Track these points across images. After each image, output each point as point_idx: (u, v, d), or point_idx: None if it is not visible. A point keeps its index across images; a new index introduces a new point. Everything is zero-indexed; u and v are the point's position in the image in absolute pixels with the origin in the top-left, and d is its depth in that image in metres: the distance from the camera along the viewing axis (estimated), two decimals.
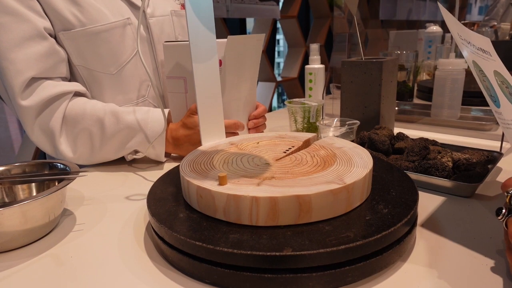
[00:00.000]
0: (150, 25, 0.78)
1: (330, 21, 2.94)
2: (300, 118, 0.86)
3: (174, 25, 0.85)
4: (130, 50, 0.76)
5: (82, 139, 0.69)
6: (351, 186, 0.40)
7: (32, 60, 0.64)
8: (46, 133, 0.68)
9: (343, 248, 0.35)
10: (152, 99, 0.82)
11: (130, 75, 0.77)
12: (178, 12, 0.87)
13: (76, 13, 0.68)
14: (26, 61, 0.63)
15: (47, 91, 0.65)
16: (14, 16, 0.63)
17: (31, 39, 0.64)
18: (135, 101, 0.79)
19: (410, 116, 1.03)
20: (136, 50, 0.77)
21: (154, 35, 0.79)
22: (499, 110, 0.45)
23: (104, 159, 0.73)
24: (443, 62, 0.95)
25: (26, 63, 0.63)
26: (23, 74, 0.63)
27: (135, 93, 0.79)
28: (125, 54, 0.75)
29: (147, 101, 0.81)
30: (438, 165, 0.57)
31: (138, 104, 0.79)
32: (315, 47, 1.02)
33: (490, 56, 0.42)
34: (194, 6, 0.54)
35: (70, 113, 0.68)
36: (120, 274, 0.40)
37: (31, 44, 0.64)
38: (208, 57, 0.57)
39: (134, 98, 0.79)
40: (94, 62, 0.73)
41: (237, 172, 0.46)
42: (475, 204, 0.52)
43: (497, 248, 0.41)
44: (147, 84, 0.80)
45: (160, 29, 0.80)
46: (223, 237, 0.37)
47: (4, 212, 0.42)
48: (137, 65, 0.77)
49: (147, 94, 0.81)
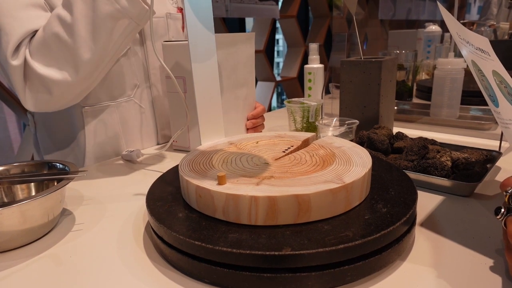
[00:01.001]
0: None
1: (329, 20, 2.94)
2: (299, 118, 0.86)
3: (169, 28, 0.85)
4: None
5: (53, 45, 0.63)
6: (350, 185, 0.40)
7: (27, 21, 0.63)
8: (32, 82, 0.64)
9: (342, 248, 0.35)
10: (138, 100, 0.81)
11: (116, 73, 0.76)
12: (173, 15, 0.86)
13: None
14: (25, 20, 0.63)
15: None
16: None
17: (32, 6, 0.64)
18: (118, 99, 0.78)
19: (409, 115, 1.03)
20: (126, 49, 0.76)
21: (146, 35, 0.79)
22: (498, 110, 0.45)
23: (91, 54, 0.63)
24: (442, 62, 0.95)
25: (24, 21, 0.62)
26: (18, 33, 0.62)
27: (119, 91, 0.78)
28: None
29: (132, 101, 0.80)
30: (437, 164, 0.57)
31: (121, 103, 0.79)
32: (314, 47, 1.02)
33: (488, 56, 0.42)
34: (193, 5, 0.54)
35: (33, 43, 0.64)
36: (119, 273, 0.40)
37: (31, 9, 0.64)
38: (207, 57, 0.57)
39: (118, 96, 0.78)
40: None
41: (236, 172, 0.46)
42: (474, 204, 0.52)
43: (496, 247, 0.42)
44: (134, 83, 0.80)
45: (153, 30, 0.79)
46: (222, 237, 0.37)
47: (3, 212, 0.42)
48: (126, 64, 0.77)
49: (133, 94, 0.80)
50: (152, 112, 0.85)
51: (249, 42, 0.82)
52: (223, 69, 0.76)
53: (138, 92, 0.81)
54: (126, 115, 0.80)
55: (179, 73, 0.76)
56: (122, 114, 0.80)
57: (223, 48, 0.74)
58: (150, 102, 0.84)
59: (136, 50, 0.79)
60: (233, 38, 0.78)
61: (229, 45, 0.77)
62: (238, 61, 0.80)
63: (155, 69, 0.83)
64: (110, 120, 0.78)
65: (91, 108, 0.76)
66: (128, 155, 0.76)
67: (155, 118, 0.86)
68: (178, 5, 0.89)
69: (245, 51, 0.82)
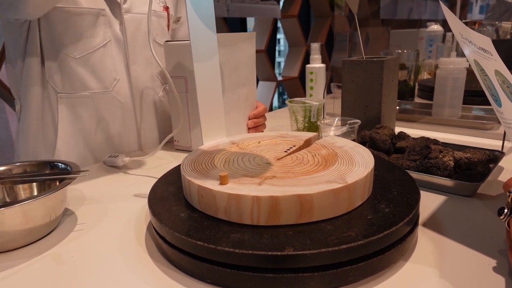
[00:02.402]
0: (124, 20, 0.77)
1: (331, 20, 2.93)
2: (301, 118, 0.86)
3: (153, 25, 0.83)
4: (99, 40, 0.74)
5: None
6: (353, 185, 0.40)
7: None
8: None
9: (345, 248, 0.34)
10: (117, 94, 0.79)
11: (94, 65, 0.75)
12: (158, 13, 0.84)
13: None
14: None
15: None
16: None
17: None
18: (95, 90, 0.76)
19: (411, 115, 1.03)
20: (106, 42, 0.75)
21: (128, 31, 0.77)
22: (500, 110, 0.45)
23: None
24: (444, 61, 0.95)
25: None
26: None
27: (96, 84, 0.76)
28: (92, 42, 0.73)
29: (110, 94, 0.78)
30: (440, 164, 0.57)
31: (97, 94, 0.77)
32: (316, 47, 1.02)
33: (491, 56, 0.42)
34: (195, 5, 0.54)
35: None
36: (121, 273, 0.40)
37: None
38: (209, 57, 0.57)
39: (95, 88, 0.76)
40: (59, 41, 0.71)
41: (238, 172, 0.46)
42: (477, 204, 0.52)
43: (499, 247, 0.41)
44: (113, 77, 0.78)
45: (135, 27, 0.78)
46: (224, 237, 0.37)
47: (6, 211, 0.42)
48: (105, 57, 0.76)
49: (112, 87, 0.78)
50: (132, 109, 0.82)
51: (250, 42, 0.82)
52: (225, 69, 0.76)
53: (117, 87, 0.79)
54: (103, 108, 0.78)
55: (180, 73, 0.76)
56: (99, 106, 0.77)
57: (224, 47, 0.74)
58: (130, 98, 0.81)
59: (116, 44, 0.77)
60: (234, 37, 0.78)
61: (230, 45, 0.77)
62: (239, 61, 0.80)
63: (135, 64, 0.80)
64: (84, 112, 0.76)
65: (65, 95, 0.74)
66: (111, 160, 0.72)
67: (135, 115, 0.83)
68: (165, 4, 0.87)
69: (246, 51, 0.82)
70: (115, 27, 0.76)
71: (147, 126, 0.86)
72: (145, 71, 0.83)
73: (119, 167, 0.73)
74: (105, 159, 0.74)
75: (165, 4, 0.87)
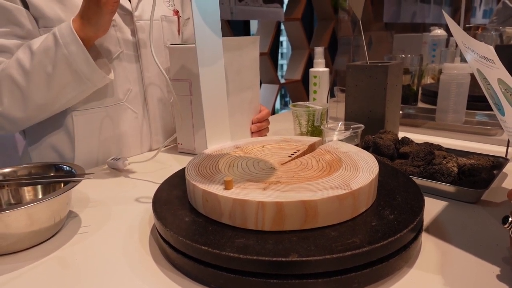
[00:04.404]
0: (137, 28, 0.77)
1: (334, 23, 2.93)
2: (304, 122, 0.86)
3: (164, 31, 0.83)
4: (111, 51, 0.74)
5: (5, 85, 0.66)
6: (357, 191, 0.40)
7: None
8: None
9: (349, 254, 0.34)
10: (130, 104, 0.79)
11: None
12: (169, 18, 0.85)
13: (58, 11, 0.68)
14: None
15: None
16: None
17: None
18: (110, 104, 0.76)
19: (415, 120, 1.03)
20: (118, 53, 0.75)
21: (140, 39, 0.78)
22: (504, 118, 0.44)
23: (43, 100, 0.68)
24: (448, 66, 0.95)
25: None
26: None
27: (110, 97, 0.76)
28: (104, 55, 0.73)
29: (124, 105, 0.78)
30: (444, 170, 0.57)
31: (111, 107, 0.77)
32: (319, 51, 1.02)
33: (494, 64, 0.42)
34: (201, 9, 0.54)
35: None
36: (125, 277, 0.40)
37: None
38: (214, 61, 0.57)
39: (110, 102, 0.76)
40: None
41: (242, 176, 0.46)
42: (481, 210, 0.52)
43: (503, 255, 0.41)
44: (127, 88, 0.78)
45: (147, 34, 0.78)
46: (229, 242, 0.37)
47: (11, 214, 0.42)
48: (117, 69, 0.76)
49: (125, 98, 0.78)
50: (145, 117, 0.83)
51: (254, 46, 0.83)
52: (229, 73, 0.76)
53: (130, 97, 0.79)
54: (117, 120, 0.78)
55: (184, 76, 0.76)
56: (113, 118, 0.78)
57: (228, 51, 0.74)
58: (143, 106, 0.82)
59: (129, 53, 0.77)
60: (238, 41, 0.78)
61: (234, 49, 0.77)
62: (243, 65, 0.80)
63: (149, 72, 0.81)
64: (100, 125, 0.76)
65: (80, 112, 0.74)
66: (113, 163, 0.73)
67: (149, 122, 0.84)
68: (174, 8, 0.87)
69: (250, 55, 0.82)
70: (127, 35, 0.76)
71: (159, 131, 0.87)
72: (158, 77, 0.83)
73: (121, 169, 0.73)
74: (108, 161, 0.74)
75: (175, 8, 0.87)
